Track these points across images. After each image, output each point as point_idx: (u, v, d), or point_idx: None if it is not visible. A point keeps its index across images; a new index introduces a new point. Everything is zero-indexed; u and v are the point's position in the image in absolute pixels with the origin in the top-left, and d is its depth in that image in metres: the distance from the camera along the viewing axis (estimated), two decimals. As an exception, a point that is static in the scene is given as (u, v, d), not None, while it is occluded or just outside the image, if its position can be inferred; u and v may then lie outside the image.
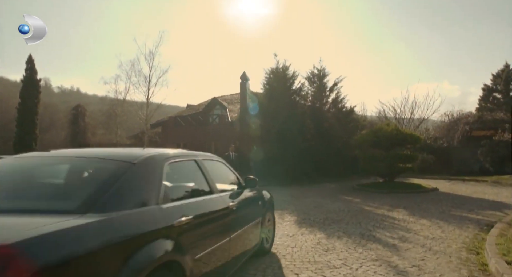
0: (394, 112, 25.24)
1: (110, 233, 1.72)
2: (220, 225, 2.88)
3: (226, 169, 3.77)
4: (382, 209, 7.98)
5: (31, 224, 1.52)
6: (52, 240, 1.44)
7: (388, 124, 13.76)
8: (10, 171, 2.44)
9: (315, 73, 18.89)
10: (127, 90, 25.14)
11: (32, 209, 1.80)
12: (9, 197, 2.05)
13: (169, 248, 2.04)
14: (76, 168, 2.44)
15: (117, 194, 1.95)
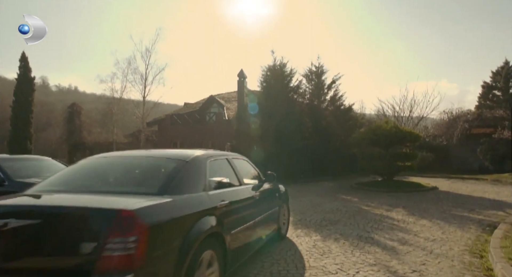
0: (393, 110, 25.06)
1: (179, 209, 2.47)
2: (247, 209, 3.58)
3: (249, 165, 4.48)
4: (381, 209, 7.76)
5: (134, 200, 2.25)
6: (151, 209, 2.20)
7: (387, 122, 13.54)
8: (103, 166, 3.25)
9: (313, 71, 18.64)
10: (124, 88, 24.79)
11: (129, 192, 2.57)
12: (112, 184, 2.91)
13: (214, 223, 2.73)
14: (148, 164, 3.19)
15: (179, 183, 2.71)
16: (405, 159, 12.80)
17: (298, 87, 17.99)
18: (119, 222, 1.99)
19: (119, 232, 1.95)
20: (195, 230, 2.47)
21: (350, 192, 11.17)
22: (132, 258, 1.92)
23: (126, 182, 2.95)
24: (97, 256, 1.90)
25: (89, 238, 1.97)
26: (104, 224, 1.99)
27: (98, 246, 1.92)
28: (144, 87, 24.39)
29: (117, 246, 1.91)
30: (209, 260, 2.63)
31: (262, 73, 17.46)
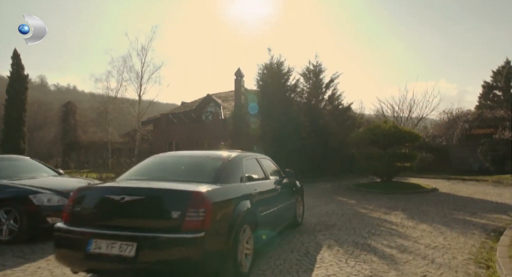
0: (392, 110, 24.72)
1: (228, 193, 3.40)
2: (272, 198, 4.52)
3: (272, 164, 5.39)
4: (379, 212, 7.40)
5: (200, 186, 3.12)
6: (213, 192, 3.09)
7: (386, 121, 13.21)
8: (167, 162, 4.20)
9: (310, 69, 18.29)
10: (119, 87, 24.40)
11: (193, 181, 3.37)
12: (179, 175, 3.74)
13: (249, 205, 3.58)
14: (202, 161, 4.13)
15: (225, 175, 3.62)
16: (404, 160, 12.45)
17: (295, 86, 17.64)
18: (194, 199, 2.90)
19: (195, 206, 2.84)
20: (238, 208, 3.36)
21: (347, 194, 10.81)
22: (203, 222, 2.81)
23: (189, 173, 3.79)
24: (182, 220, 2.80)
25: (177, 209, 2.86)
26: (186, 200, 2.90)
27: (182, 214, 2.82)
28: (139, 86, 24.06)
29: (194, 214, 2.81)
30: (246, 232, 3.47)
31: (259, 71, 17.13)
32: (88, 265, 2.95)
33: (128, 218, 3.00)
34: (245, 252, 3.39)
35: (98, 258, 2.83)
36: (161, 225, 2.90)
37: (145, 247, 2.77)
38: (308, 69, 18.30)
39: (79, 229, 3.00)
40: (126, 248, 2.76)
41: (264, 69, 17.00)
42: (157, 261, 2.76)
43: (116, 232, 2.87)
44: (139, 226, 2.92)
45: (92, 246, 2.85)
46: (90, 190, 3.39)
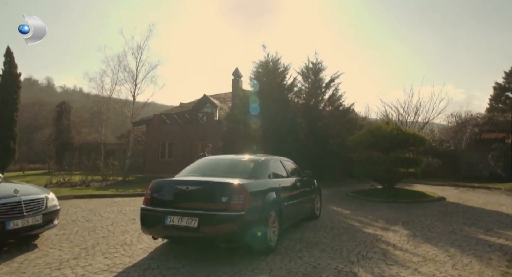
0: (397, 112, 23.50)
1: (260, 186, 4.62)
2: (293, 193, 5.61)
3: (293, 165, 6.50)
4: (375, 226, 6.31)
5: (241, 180, 4.34)
6: (249, 184, 4.35)
7: (388, 123, 12.07)
8: (214, 163, 5.52)
9: (309, 68, 17.25)
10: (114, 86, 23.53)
11: (235, 176, 4.55)
12: (224, 172, 4.94)
13: (275, 196, 4.72)
14: (240, 163, 5.40)
15: (257, 173, 4.88)
16: (408, 165, 11.31)
17: (293, 85, 16.63)
18: (237, 189, 4.07)
19: (238, 193, 4.03)
20: (267, 197, 4.51)
21: (343, 202, 9.72)
22: (243, 205, 3.98)
23: (232, 171, 4.94)
24: (229, 203, 3.97)
25: (225, 195, 4.02)
26: (232, 189, 4.07)
27: (229, 198, 3.99)
28: (134, 85, 23.21)
29: (237, 199, 3.99)
30: (273, 216, 4.55)
31: (253, 70, 16.19)
32: (165, 233, 4.18)
33: (192, 201, 4.15)
34: (273, 230, 4.53)
35: (172, 228, 4.01)
36: (214, 206, 4.01)
37: (204, 221, 3.91)
38: (307, 67, 17.28)
39: (157, 209, 4.20)
40: (191, 221, 3.92)
41: (259, 67, 16.06)
42: (212, 231, 3.96)
43: (184, 210, 4.03)
44: (199, 207, 4.06)
45: (168, 220, 4.03)
46: (163, 182, 4.51)
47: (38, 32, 4.27)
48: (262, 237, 4.17)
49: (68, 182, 14.12)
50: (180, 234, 4.03)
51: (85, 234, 5.26)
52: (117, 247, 4.53)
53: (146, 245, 4.71)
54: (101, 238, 5.04)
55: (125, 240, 4.92)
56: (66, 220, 6.45)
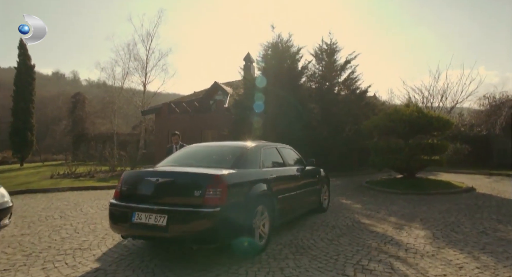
0: (421, 95, 21.75)
1: (243, 177, 3.90)
2: (290, 183, 4.99)
3: (294, 153, 5.84)
4: (387, 224, 5.33)
5: (219, 170, 3.68)
6: (228, 175, 3.60)
7: (408, 105, 10.80)
8: (197, 151, 4.83)
9: (323, 49, 16.00)
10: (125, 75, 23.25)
11: (215, 166, 3.98)
12: (204, 161, 4.36)
13: (265, 187, 4.11)
14: (225, 150, 4.67)
15: (243, 162, 4.18)
16: (431, 152, 10.06)
17: (305, 68, 15.48)
18: (213, 180, 3.45)
19: (213, 186, 3.40)
20: (254, 190, 3.90)
21: (355, 194, 8.71)
22: (218, 199, 3.35)
23: (213, 160, 4.41)
24: (203, 197, 3.36)
25: (199, 188, 3.41)
26: (206, 181, 3.46)
27: (203, 192, 3.38)
28: (145, 74, 22.80)
29: (212, 193, 3.36)
30: (261, 211, 3.99)
31: (262, 52, 15.12)
32: (132, 231, 3.55)
33: (162, 195, 3.59)
34: (261, 228, 3.95)
35: (140, 226, 3.45)
36: (186, 201, 3.44)
37: (174, 218, 3.35)
38: (321, 48, 16.03)
39: (125, 204, 3.65)
40: (159, 219, 3.37)
41: (268, 49, 14.98)
42: (183, 230, 3.38)
43: (152, 206, 3.46)
44: (169, 202, 3.50)
45: (135, 217, 3.48)
46: (134, 173, 4.00)
47: (38, 32, 4.28)
48: (246, 236, 3.62)
49: (74, 173, 13.89)
50: (148, 233, 3.46)
51: (45, 234, 4.65)
52: (68, 254, 3.85)
53: (103, 250, 4.00)
54: (59, 240, 4.40)
55: (84, 243, 4.24)
56: (39, 216, 5.92)
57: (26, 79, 24.05)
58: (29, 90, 24.23)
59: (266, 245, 4.00)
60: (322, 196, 6.25)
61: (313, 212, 6.02)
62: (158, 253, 3.85)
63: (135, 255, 3.77)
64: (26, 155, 24.58)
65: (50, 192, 9.54)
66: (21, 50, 24.08)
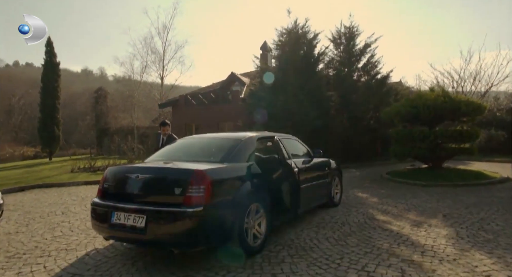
0: (451, 80, 20.30)
1: (232, 172, 3.53)
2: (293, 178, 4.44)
3: (299, 144, 5.35)
4: (403, 221, 4.80)
5: (205, 165, 3.32)
6: (213, 171, 3.25)
7: (433, 89, 9.93)
8: (189, 144, 4.54)
9: (342, 33, 15.15)
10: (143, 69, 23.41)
11: (203, 160, 3.65)
12: (193, 155, 4.02)
13: (261, 184, 3.79)
14: (216, 143, 4.27)
15: (235, 155, 3.74)
16: (460, 139, 9.22)
17: (322, 54, 14.74)
18: (195, 177, 3.07)
19: (195, 183, 3.03)
20: (245, 187, 3.50)
21: (373, 186, 8.13)
22: (201, 198, 2.99)
23: (202, 154, 4.04)
24: (184, 195, 3.00)
25: (180, 185, 3.06)
26: (188, 177, 3.09)
27: (184, 189, 3.02)
28: (162, 67, 22.83)
29: (194, 190, 3.00)
30: (256, 210, 3.60)
31: (278, 38, 14.50)
32: (111, 233, 3.27)
33: (142, 193, 3.30)
34: (256, 228, 3.57)
35: (118, 227, 3.16)
36: (167, 200, 3.12)
37: (152, 219, 3.02)
38: (339, 32, 15.20)
39: (105, 203, 3.36)
40: (138, 219, 3.06)
41: (283, 35, 14.36)
42: (163, 232, 3.02)
43: (131, 206, 3.17)
44: (149, 201, 3.22)
45: (114, 217, 3.20)
46: (116, 169, 3.66)
47: (38, 32, 4.26)
48: (236, 238, 3.26)
49: (93, 166, 14.12)
50: (126, 235, 3.17)
51: (39, 233, 4.53)
52: (51, 255, 3.65)
53: (89, 251, 3.78)
54: (49, 239, 4.24)
55: (72, 243, 4.05)
56: (42, 212, 5.85)
57: (52, 76, 24.76)
58: (54, 86, 24.95)
59: (262, 246, 3.62)
60: (333, 189, 5.76)
61: (323, 207, 5.58)
62: (144, 255, 3.58)
63: (119, 257, 3.52)
64: (54, 149, 25.52)
65: (65, 186, 9.65)
66: (47, 48, 24.74)
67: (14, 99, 41.46)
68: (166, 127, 6.24)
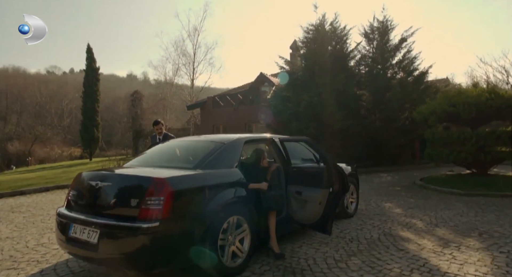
0: (505, 75, 18.15)
1: (205, 180, 3.04)
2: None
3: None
4: (427, 238, 4.03)
5: (170, 172, 2.93)
6: (177, 179, 2.82)
7: (476, 85, 8.74)
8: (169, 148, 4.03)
9: (374, 27, 14.12)
10: (176, 71, 23.88)
11: (175, 167, 3.24)
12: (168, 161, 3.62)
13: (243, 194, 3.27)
14: (196, 146, 3.86)
15: (212, 160, 3.28)
16: (510, 142, 7.97)
17: (353, 51, 13.84)
18: (153, 186, 2.66)
19: (153, 193, 2.61)
20: (221, 197, 3.02)
21: (401, 193, 7.24)
22: (159, 211, 2.56)
23: (177, 159, 3.65)
24: (140, 208, 2.59)
25: (136, 196, 2.67)
26: (145, 187, 2.68)
27: (140, 201, 2.61)
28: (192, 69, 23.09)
29: (152, 202, 2.58)
30: (236, 224, 3.09)
31: (304, 35, 13.82)
32: (68, 248, 2.95)
33: (99, 204, 2.95)
34: (236, 245, 3.10)
35: (74, 242, 2.83)
36: (122, 213, 2.74)
37: (105, 234, 2.65)
38: (372, 27, 14.17)
39: (65, 213, 3.06)
40: (92, 234, 2.71)
41: (309, 32, 13.67)
42: (115, 250, 2.63)
43: (87, 218, 2.84)
44: (105, 213, 2.83)
45: (72, 230, 2.87)
46: (83, 175, 3.26)
47: (38, 32, 4.22)
48: (207, 258, 2.78)
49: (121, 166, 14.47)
50: (80, 251, 2.80)
51: (27, 240, 4.37)
52: (19, 267, 3.41)
53: (59, 264, 3.53)
54: (30, 248, 4.05)
55: (47, 254, 3.81)
56: (46, 215, 5.81)
57: (92, 80, 26.16)
58: (94, 90, 26.32)
59: (243, 266, 3.12)
60: (347, 198, 5.10)
61: (336, 217, 4.92)
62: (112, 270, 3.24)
63: (86, 272, 3.21)
64: (94, 150, 26.91)
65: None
66: (88, 54, 26.20)
67: (64, 103, 44.77)
68: (158, 126, 5.92)
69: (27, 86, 47.46)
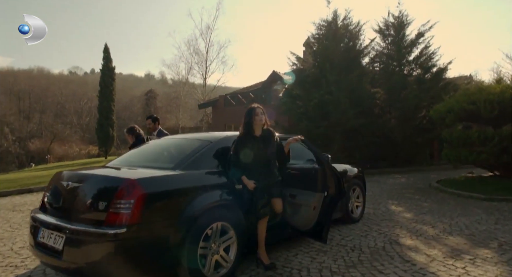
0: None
1: (183, 181, 2.77)
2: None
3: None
4: (437, 249, 3.64)
5: (148, 172, 2.75)
6: (150, 180, 2.58)
7: (500, 81, 8.13)
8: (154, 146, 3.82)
9: (389, 23, 13.53)
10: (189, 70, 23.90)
11: (154, 166, 3.00)
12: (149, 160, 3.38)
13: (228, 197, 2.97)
14: (180, 145, 3.55)
15: (195, 160, 3.00)
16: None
17: (367, 47, 13.30)
18: (122, 188, 2.42)
19: (121, 196, 2.38)
20: (203, 200, 2.74)
21: (415, 196, 6.78)
22: (127, 216, 2.31)
23: (158, 158, 3.41)
24: (107, 212, 2.36)
25: (104, 198, 2.44)
26: (114, 189, 2.45)
27: (108, 204, 2.38)
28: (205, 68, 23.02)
29: (120, 206, 2.35)
30: (220, 230, 2.79)
31: (316, 31, 13.39)
32: (35, 253, 2.77)
33: (68, 206, 2.70)
34: (221, 253, 2.81)
35: (41, 247, 2.62)
36: (90, 217, 2.50)
37: (70, 241, 2.42)
38: (386, 22, 13.59)
39: (35, 216, 2.85)
40: (58, 240, 2.49)
41: (321, 29, 13.23)
42: (79, 259, 2.42)
43: (55, 221, 2.62)
44: (73, 216, 2.58)
45: (40, 235, 2.68)
46: (58, 175, 3.05)
47: (38, 32, 4.19)
48: (185, 268, 2.54)
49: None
50: (46, 258, 2.61)
51: (13, 242, 4.23)
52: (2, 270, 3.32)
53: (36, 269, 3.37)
54: (13, 251, 3.90)
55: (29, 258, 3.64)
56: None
57: (108, 80, 26.56)
58: (110, 90, 26.71)
59: (228, 274, 2.85)
60: (352, 202, 4.75)
61: (338, 223, 4.58)
62: None
63: (61, 277, 3.02)
64: (109, 148, 27.34)
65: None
66: (105, 54, 26.61)
67: (83, 102, 45.90)
68: (148, 121, 5.63)
69: (49, 86, 49.05)
